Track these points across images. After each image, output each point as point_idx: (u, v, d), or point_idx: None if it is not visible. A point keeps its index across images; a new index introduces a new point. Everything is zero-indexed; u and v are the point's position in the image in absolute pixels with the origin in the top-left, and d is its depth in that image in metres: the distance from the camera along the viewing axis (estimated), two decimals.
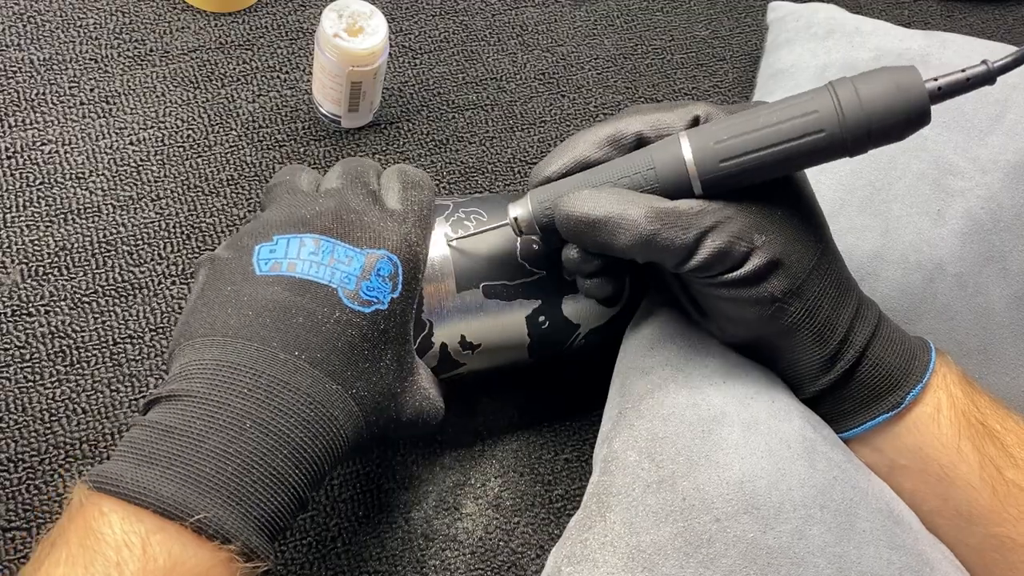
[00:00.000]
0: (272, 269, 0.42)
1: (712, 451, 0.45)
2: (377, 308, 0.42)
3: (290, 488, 0.38)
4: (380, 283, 0.42)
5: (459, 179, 0.66)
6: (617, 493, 0.45)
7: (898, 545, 0.45)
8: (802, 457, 0.45)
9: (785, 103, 0.42)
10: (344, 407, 0.40)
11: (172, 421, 0.37)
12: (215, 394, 0.38)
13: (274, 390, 0.38)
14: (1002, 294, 0.58)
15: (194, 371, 0.39)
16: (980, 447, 0.45)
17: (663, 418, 0.46)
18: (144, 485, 0.35)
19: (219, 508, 0.36)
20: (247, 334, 0.40)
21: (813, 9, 0.73)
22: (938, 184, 0.60)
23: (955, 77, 0.40)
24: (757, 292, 0.43)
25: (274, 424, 0.38)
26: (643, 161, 0.44)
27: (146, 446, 0.36)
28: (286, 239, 0.42)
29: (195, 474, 0.36)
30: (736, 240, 0.42)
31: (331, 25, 0.59)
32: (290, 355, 0.39)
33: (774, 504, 0.43)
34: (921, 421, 0.46)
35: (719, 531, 0.43)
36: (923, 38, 0.68)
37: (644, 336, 0.51)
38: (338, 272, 0.42)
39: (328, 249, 0.42)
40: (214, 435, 0.37)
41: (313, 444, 0.39)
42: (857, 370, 0.46)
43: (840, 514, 0.44)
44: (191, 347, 0.40)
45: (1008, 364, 0.58)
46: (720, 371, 0.48)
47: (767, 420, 0.46)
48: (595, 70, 0.74)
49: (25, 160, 0.60)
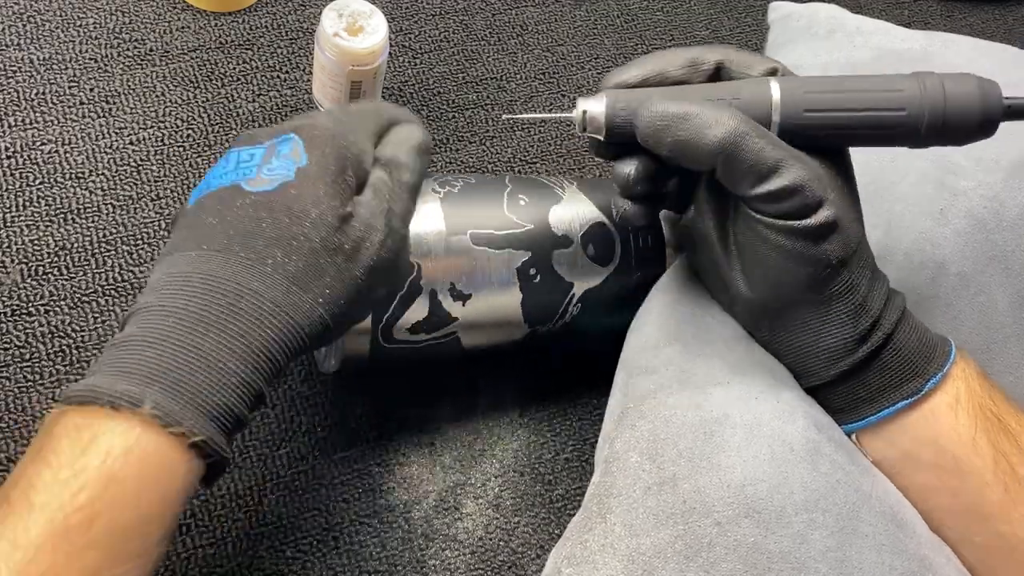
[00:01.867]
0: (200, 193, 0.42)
1: (714, 453, 0.44)
2: (284, 180, 0.41)
3: (241, 382, 0.38)
4: (282, 161, 0.42)
5: None
6: (618, 495, 0.45)
7: (900, 549, 0.44)
8: (805, 460, 0.45)
9: (873, 76, 0.44)
10: (289, 297, 0.39)
11: (130, 332, 0.38)
12: (170, 302, 0.38)
13: (203, 282, 0.39)
14: (1005, 294, 0.58)
15: (161, 284, 0.39)
16: (995, 442, 0.45)
17: (665, 419, 0.46)
18: (97, 387, 0.36)
19: (167, 398, 0.36)
20: (180, 246, 0.40)
21: (814, 9, 0.73)
22: (941, 183, 0.60)
23: (1022, 102, 0.43)
24: (816, 251, 0.43)
25: (209, 315, 0.38)
26: (729, 90, 0.44)
27: (104, 360, 0.37)
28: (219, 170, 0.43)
29: (144, 371, 0.36)
30: (813, 180, 0.43)
31: (331, 24, 0.59)
32: (213, 251, 0.39)
33: (776, 508, 0.43)
34: (939, 411, 0.46)
35: (719, 535, 0.42)
36: (924, 38, 0.68)
37: (648, 335, 0.51)
38: (240, 170, 0.42)
39: (234, 158, 0.43)
40: (168, 337, 0.37)
41: (261, 335, 0.38)
42: (881, 353, 0.46)
43: (842, 518, 0.44)
44: (166, 260, 0.41)
45: (1011, 364, 0.58)
46: (725, 370, 0.47)
47: (770, 421, 0.45)
48: (595, 70, 0.74)
49: (25, 160, 0.60)
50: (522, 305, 0.51)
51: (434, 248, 0.48)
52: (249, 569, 0.49)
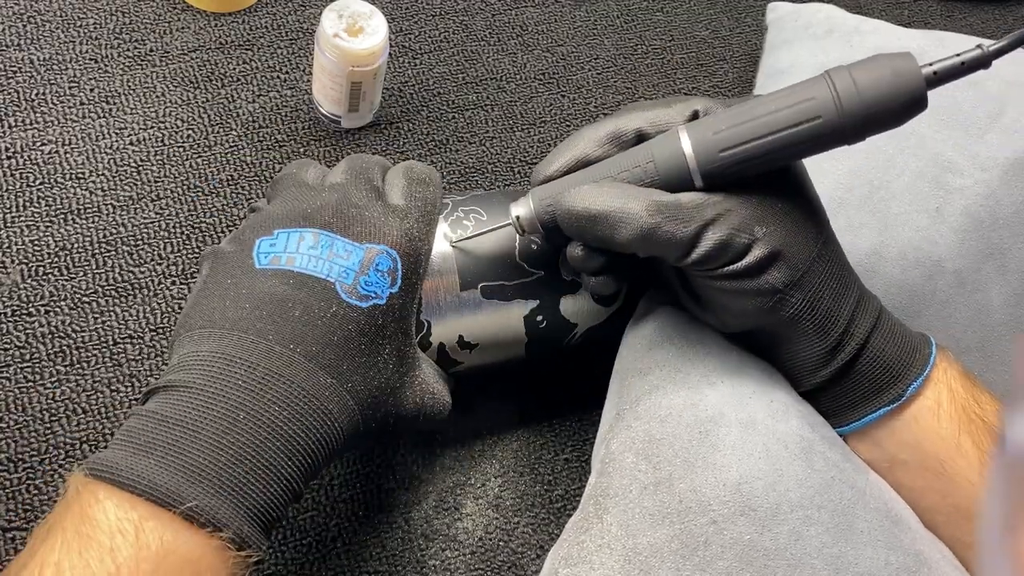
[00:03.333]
0: (272, 263, 0.42)
1: (709, 452, 0.45)
2: (375, 303, 0.42)
3: (282, 479, 0.38)
4: (379, 278, 0.43)
5: (459, 179, 0.66)
6: (614, 495, 0.45)
7: (895, 545, 0.44)
8: (799, 457, 0.45)
9: (781, 92, 0.42)
10: (339, 400, 0.41)
11: (168, 411, 0.38)
12: (210, 385, 0.38)
13: (268, 382, 0.39)
14: (1001, 291, 0.58)
15: (191, 362, 0.39)
16: (980, 443, 0.45)
17: (660, 419, 0.46)
18: (138, 473, 0.36)
19: (211, 497, 0.36)
20: (244, 326, 0.40)
21: (812, 9, 0.73)
22: (937, 181, 0.60)
23: (950, 62, 0.40)
24: (758, 284, 0.44)
25: (267, 415, 0.38)
26: (643, 155, 0.44)
27: (142, 435, 0.37)
28: (286, 233, 0.43)
29: (188, 463, 0.36)
30: (736, 232, 0.42)
31: (331, 25, 0.59)
32: (285, 348, 0.40)
33: (771, 505, 0.43)
34: (921, 415, 0.46)
35: (716, 533, 0.43)
36: (922, 37, 0.68)
37: (643, 337, 0.51)
38: (336, 266, 0.42)
39: (327, 243, 0.43)
40: (208, 425, 0.37)
41: (306, 436, 0.39)
42: (857, 362, 0.46)
43: (838, 514, 0.44)
44: (190, 338, 0.41)
45: (1007, 361, 0.58)
46: (718, 371, 0.48)
47: (765, 420, 0.46)
48: (595, 70, 0.74)
49: (25, 160, 0.60)
50: (526, 347, 0.51)
51: (445, 306, 0.48)
52: None
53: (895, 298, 0.58)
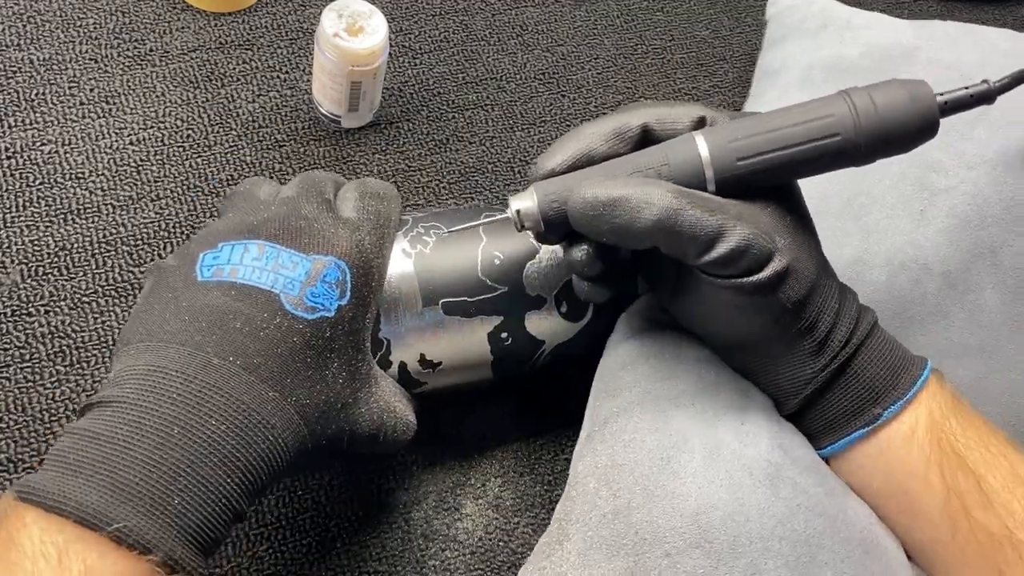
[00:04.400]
0: (214, 275, 0.41)
1: (669, 480, 0.43)
2: (323, 315, 0.41)
3: (221, 497, 0.37)
4: (326, 289, 0.41)
5: (459, 179, 0.66)
6: (576, 520, 0.44)
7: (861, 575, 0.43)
8: (764, 484, 0.43)
9: (800, 107, 0.42)
10: (282, 414, 0.39)
11: (99, 428, 0.36)
12: (143, 400, 0.37)
13: (205, 395, 0.37)
14: (996, 290, 0.57)
15: (126, 376, 0.38)
16: (951, 479, 0.43)
17: (624, 444, 0.45)
18: (65, 494, 0.34)
19: (140, 517, 0.35)
20: (181, 339, 0.39)
21: (809, 1, 0.73)
22: (920, 183, 0.59)
23: (960, 94, 0.42)
24: (771, 299, 0.42)
25: (203, 430, 0.37)
26: (657, 157, 0.43)
27: (71, 454, 0.36)
28: (231, 245, 0.42)
29: (118, 481, 0.35)
30: (759, 235, 0.41)
31: (331, 25, 0.59)
32: (224, 360, 0.38)
33: (729, 537, 0.42)
34: (894, 442, 0.44)
35: (669, 567, 0.41)
36: (913, 30, 0.67)
37: (618, 355, 0.49)
38: (281, 277, 0.41)
39: (272, 255, 0.41)
40: (140, 442, 0.36)
41: (247, 452, 0.38)
42: (838, 381, 0.45)
43: (800, 544, 0.42)
44: (127, 353, 0.39)
45: (1009, 361, 0.57)
46: (690, 392, 0.46)
47: (731, 444, 0.44)
48: (595, 70, 0.74)
49: (25, 160, 0.60)
50: (492, 366, 0.50)
51: (405, 323, 0.46)
52: (249, 569, 0.49)
53: (883, 305, 0.57)
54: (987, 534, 0.42)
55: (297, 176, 0.47)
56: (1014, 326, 0.57)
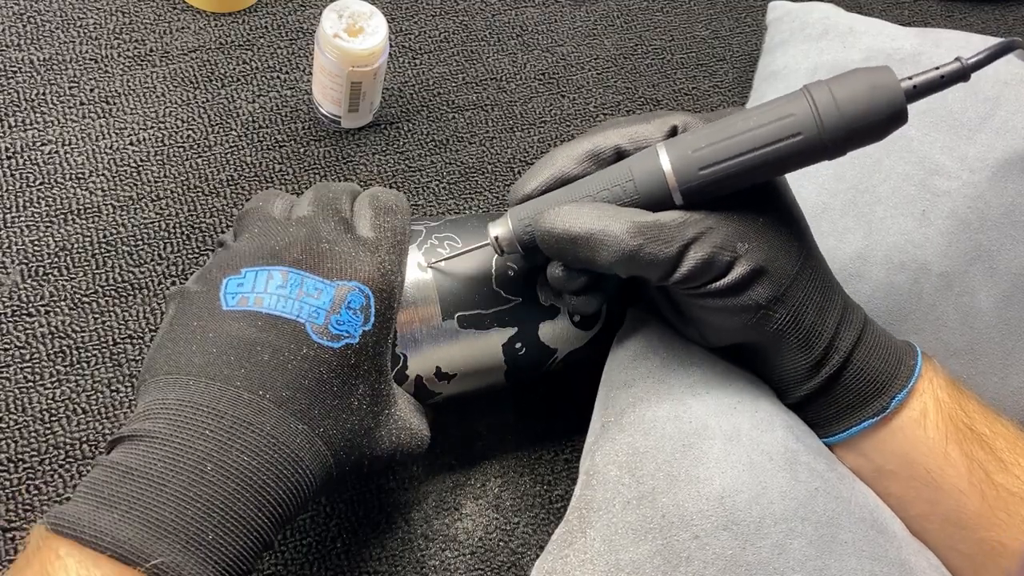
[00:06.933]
0: (239, 304, 0.41)
1: (692, 466, 0.44)
2: (347, 342, 0.41)
3: (252, 530, 0.37)
4: (351, 316, 0.41)
5: (459, 179, 0.66)
6: (598, 509, 0.45)
7: (880, 556, 0.44)
8: (784, 469, 0.44)
9: (760, 108, 0.42)
10: (310, 447, 0.40)
11: (133, 462, 0.37)
12: (176, 435, 0.37)
13: (236, 431, 0.38)
14: (989, 293, 0.58)
15: (157, 410, 0.38)
16: (968, 451, 0.45)
17: (644, 432, 0.46)
18: (101, 528, 0.34)
19: (177, 553, 0.35)
20: (211, 372, 0.39)
21: (809, 8, 0.73)
22: (923, 185, 0.59)
23: (930, 75, 0.40)
24: (742, 300, 0.43)
25: (236, 467, 0.37)
26: (622, 173, 0.43)
27: (106, 488, 0.36)
28: (254, 272, 0.42)
29: (154, 517, 0.35)
30: (719, 250, 0.42)
31: (331, 25, 0.59)
32: (254, 394, 0.39)
33: (754, 519, 0.43)
34: (907, 426, 0.46)
35: (698, 548, 0.42)
36: (916, 37, 0.67)
37: (628, 348, 0.50)
38: (306, 306, 0.41)
39: (296, 282, 0.41)
40: (175, 478, 0.36)
41: (277, 486, 0.38)
42: (842, 375, 0.46)
43: (822, 526, 0.44)
44: (155, 385, 0.40)
45: (996, 364, 0.58)
46: (703, 381, 0.47)
47: (750, 431, 0.45)
48: (595, 70, 0.74)
49: (25, 160, 0.60)
50: (506, 375, 0.50)
51: (422, 339, 0.47)
52: None
53: (881, 302, 0.57)
54: (1009, 493, 0.44)
55: (311, 189, 0.47)
56: (1005, 330, 0.58)
